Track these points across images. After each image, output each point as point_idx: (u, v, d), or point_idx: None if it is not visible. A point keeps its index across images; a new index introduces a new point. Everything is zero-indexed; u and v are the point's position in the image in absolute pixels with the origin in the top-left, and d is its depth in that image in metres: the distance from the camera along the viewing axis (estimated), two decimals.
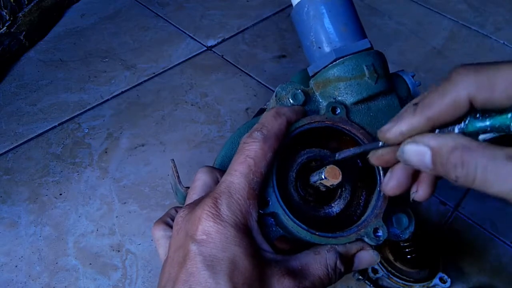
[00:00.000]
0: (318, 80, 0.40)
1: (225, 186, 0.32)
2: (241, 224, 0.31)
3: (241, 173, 0.32)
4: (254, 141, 0.33)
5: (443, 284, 0.66)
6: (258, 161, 0.32)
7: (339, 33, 0.40)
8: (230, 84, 1.02)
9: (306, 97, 0.38)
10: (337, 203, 0.38)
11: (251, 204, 0.32)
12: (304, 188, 0.37)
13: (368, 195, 0.38)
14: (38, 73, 1.02)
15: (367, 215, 0.36)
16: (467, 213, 0.81)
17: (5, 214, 0.76)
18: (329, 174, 0.33)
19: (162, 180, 0.82)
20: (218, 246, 0.30)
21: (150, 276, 0.70)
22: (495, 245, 0.77)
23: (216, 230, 0.30)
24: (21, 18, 1.04)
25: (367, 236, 0.35)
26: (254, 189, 0.32)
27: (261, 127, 0.34)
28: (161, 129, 0.91)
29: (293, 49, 1.11)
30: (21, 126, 0.90)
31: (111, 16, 1.19)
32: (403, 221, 0.38)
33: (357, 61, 0.39)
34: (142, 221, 0.76)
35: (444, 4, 1.29)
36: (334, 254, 0.33)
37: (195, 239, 0.30)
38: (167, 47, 1.10)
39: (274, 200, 0.34)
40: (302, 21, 0.42)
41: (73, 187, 0.81)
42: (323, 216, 0.38)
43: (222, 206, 0.31)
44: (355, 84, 0.38)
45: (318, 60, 0.41)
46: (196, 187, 0.36)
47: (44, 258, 0.71)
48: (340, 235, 0.34)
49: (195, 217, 0.31)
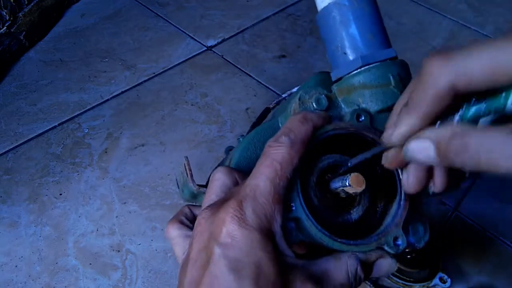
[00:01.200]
0: (342, 86, 0.40)
1: (250, 189, 0.31)
2: (265, 229, 0.30)
3: (267, 177, 0.31)
4: (281, 145, 0.32)
5: (443, 284, 0.66)
6: (284, 165, 0.32)
7: (366, 40, 0.40)
8: (230, 84, 1.02)
9: (329, 102, 0.38)
10: (356, 210, 0.38)
11: (276, 208, 0.31)
12: (323, 193, 0.37)
13: (386, 203, 0.38)
14: (38, 73, 1.02)
15: (388, 224, 0.36)
16: (467, 213, 0.81)
17: (5, 214, 0.76)
18: (353, 182, 0.33)
19: (162, 180, 0.82)
20: (243, 250, 0.29)
21: (150, 276, 0.70)
22: (495, 245, 0.77)
23: (241, 233, 0.30)
24: (21, 18, 1.04)
25: (387, 245, 0.35)
26: (279, 194, 0.31)
27: (288, 132, 0.33)
28: (161, 129, 0.91)
29: (293, 49, 1.11)
30: (21, 126, 0.90)
31: (111, 16, 1.19)
32: (420, 230, 0.38)
33: (383, 69, 0.39)
34: (142, 221, 0.76)
35: (444, 4, 1.29)
36: (355, 261, 0.33)
37: (220, 242, 0.30)
38: (167, 47, 1.10)
39: (298, 205, 0.33)
40: (328, 26, 0.42)
41: (73, 187, 0.81)
42: (342, 222, 0.38)
43: (247, 209, 0.30)
44: (380, 92, 0.38)
45: (343, 65, 0.41)
46: (215, 187, 0.36)
47: (44, 258, 0.71)
48: (361, 242, 0.34)
49: (219, 219, 0.31)
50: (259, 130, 0.43)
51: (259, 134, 0.43)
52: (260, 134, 0.43)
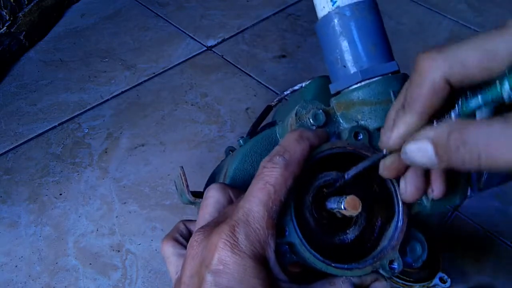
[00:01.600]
0: (340, 101, 0.38)
1: (242, 213, 0.30)
2: (259, 255, 0.30)
3: (260, 201, 0.30)
4: (275, 167, 0.31)
5: (443, 284, 0.66)
6: (278, 188, 0.31)
7: (367, 53, 0.38)
8: (230, 84, 1.02)
9: (326, 117, 0.37)
10: (352, 229, 0.37)
11: (269, 234, 0.30)
12: (319, 212, 0.36)
13: (383, 221, 0.37)
14: (38, 73, 1.02)
15: (384, 246, 0.35)
16: (467, 213, 0.81)
17: (5, 214, 0.76)
18: (349, 205, 0.32)
19: (162, 180, 0.82)
20: (236, 277, 0.29)
21: (150, 276, 0.70)
22: (495, 245, 0.77)
23: (234, 261, 0.29)
24: (21, 18, 1.04)
25: (383, 268, 0.34)
26: (273, 218, 0.30)
27: (283, 152, 0.32)
28: (161, 129, 0.91)
29: (293, 49, 1.11)
30: (21, 126, 0.90)
31: (111, 16, 1.19)
32: (417, 250, 0.37)
33: (384, 85, 0.37)
34: (142, 221, 0.76)
35: (444, 4, 1.29)
36: (349, 285, 0.33)
37: (211, 269, 0.29)
38: (167, 47, 1.10)
39: (291, 229, 0.33)
40: (327, 35, 0.40)
41: (73, 187, 0.81)
42: (338, 242, 0.37)
43: (240, 235, 0.29)
44: (380, 109, 0.37)
45: (342, 79, 0.39)
46: (209, 206, 0.35)
47: (44, 258, 0.71)
48: (356, 266, 0.34)
49: (211, 245, 0.30)
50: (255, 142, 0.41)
51: (256, 146, 0.42)
52: (257, 146, 0.42)
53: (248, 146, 0.41)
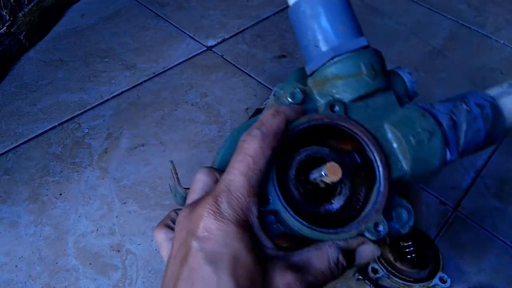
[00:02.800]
0: (316, 79, 0.40)
1: (224, 184, 0.32)
2: (242, 221, 0.31)
3: (240, 171, 0.32)
4: (253, 139, 0.33)
5: (443, 284, 0.66)
6: (257, 159, 0.33)
7: (336, 31, 0.40)
8: (230, 84, 1.02)
9: (304, 96, 0.39)
10: (337, 199, 0.39)
11: (251, 201, 0.32)
12: (303, 186, 0.38)
13: (367, 191, 0.39)
14: (38, 73, 1.02)
15: (368, 211, 0.36)
16: (467, 213, 0.81)
17: (5, 214, 0.76)
18: (329, 171, 0.33)
19: (162, 180, 0.82)
20: (220, 242, 0.30)
21: (150, 276, 0.70)
22: (495, 245, 0.77)
23: (218, 227, 0.30)
24: (21, 18, 1.04)
25: (368, 231, 0.35)
26: (253, 187, 0.32)
27: (260, 125, 0.34)
28: (161, 129, 0.91)
29: (293, 49, 1.11)
30: (21, 126, 0.90)
31: (111, 16, 1.19)
32: (403, 216, 0.38)
33: (354, 59, 0.39)
34: (142, 221, 0.76)
35: (444, 4, 1.29)
36: (336, 249, 0.34)
37: (197, 236, 0.31)
38: (167, 47, 1.10)
39: (274, 197, 0.34)
40: (298, 20, 0.42)
41: (73, 187, 0.81)
42: (324, 212, 0.38)
43: (223, 204, 0.31)
44: (353, 81, 0.39)
45: (316, 58, 0.41)
46: (196, 188, 0.37)
47: (44, 258, 0.71)
48: (342, 230, 0.35)
49: (196, 215, 0.32)
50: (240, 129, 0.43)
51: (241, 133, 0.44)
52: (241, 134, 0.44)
53: (234, 133, 0.42)
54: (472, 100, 0.44)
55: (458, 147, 0.41)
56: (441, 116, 0.41)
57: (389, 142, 0.39)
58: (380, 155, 0.37)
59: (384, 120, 0.39)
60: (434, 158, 0.39)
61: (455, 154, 0.41)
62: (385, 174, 0.37)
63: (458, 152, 0.42)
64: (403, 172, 0.38)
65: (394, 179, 0.38)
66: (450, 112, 0.42)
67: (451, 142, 0.41)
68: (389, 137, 0.39)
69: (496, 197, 0.84)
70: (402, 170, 0.38)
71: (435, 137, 0.39)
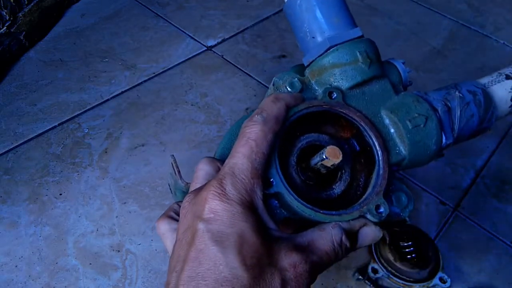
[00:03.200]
0: (313, 69, 0.42)
1: (228, 167, 0.33)
2: (246, 202, 0.32)
3: (244, 154, 0.33)
4: (255, 124, 0.34)
5: (443, 284, 0.66)
6: (259, 142, 0.33)
7: (332, 23, 0.42)
8: (230, 84, 1.02)
9: (302, 85, 0.40)
10: (338, 185, 0.39)
11: (255, 183, 0.33)
12: (305, 172, 0.38)
13: (367, 176, 0.40)
14: (38, 73, 1.02)
15: (369, 193, 0.37)
16: (467, 213, 0.81)
17: (5, 214, 0.76)
18: (330, 154, 0.34)
19: (162, 180, 0.82)
20: (226, 222, 0.30)
21: (150, 276, 0.70)
22: (495, 245, 0.77)
23: (223, 208, 0.31)
24: (21, 18, 1.04)
25: (370, 213, 0.36)
26: (257, 169, 0.33)
27: (261, 111, 0.35)
28: (161, 129, 0.91)
29: (293, 49, 1.11)
30: (21, 126, 0.90)
31: (111, 16, 1.19)
32: (403, 199, 0.39)
33: (350, 47, 0.41)
34: (142, 221, 0.76)
35: (444, 4, 1.29)
36: (339, 230, 0.34)
37: (203, 218, 0.31)
38: (167, 47, 1.10)
39: (278, 180, 0.35)
40: (295, 14, 0.44)
41: (73, 187, 0.81)
42: (325, 198, 0.39)
43: (227, 186, 0.32)
44: (349, 69, 0.40)
45: (313, 49, 0.43)
46: (199, 177, 0.37)
47: (44, 258, 0.71)
48: (344, 212, 0.36)
49: (201, 198, 0.32)
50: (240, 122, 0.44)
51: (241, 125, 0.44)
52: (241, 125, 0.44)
53: (234, 126, 0.43)
54: (465, 87, 0.45)
55: (453, 132, 0.43)
56: (436, 103, 0.43)
57: (386, 128, 0.40)
58: (379, 139, 0.38)
59: (381, 106, 0.40)
60: (430, 141, 0.40)
61: (450, 138, 0.43)
62: (384, 157, 0.38)
63: (454, 137, 0.43)
64: (401, 156, 0.39)
65: (392, 163, 0.39)
66: (444, 98, 0.43)
67: (446, 126, 0.42)
68: (386, 123, 0.40)
69: (496, 197, 0.84)
70: (400, 155, 0.39)
71: (431, 121, 0.40)
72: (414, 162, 0.41)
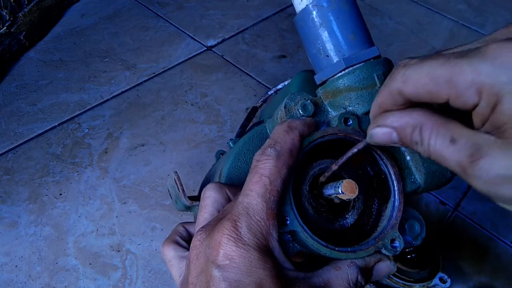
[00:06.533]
0: (327, 90, 0.39)
1: (242, 207, 0.31)
2: (263, 246, 0.30)
3: (258, 193, 0.31)
4: (268, 159, 0.32)
5: (443, 284, 0.66)
6: (273, 179, 0.31)
7: (348, 41, 0.39)
8: (230, 84, 1.02)
9: (315, 107, 0.38)
10: (351, 214, 0.38)
11: (271, 224, 0.31)
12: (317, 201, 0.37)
13: (380, 203, 0.38)
14: (38, 73, 1.02)
15: (384, 226, 0.36)
16: (467, 213, 0.81)
17: (5, 214, 0.76)
18: (346, 189, 0.33)
19: (162, 180, 0.82)
20: (243, 270, 0.29)
21: (150, 276, 0.70)
22: (495, 245, 0.77)
23: (239, 254, 0.29)
24: (21, 18, 1.04)
25: (385, 248, 0.35)
26: (272, 209, 0.31)
27: (274, 143, 0.33)
28: (161, 129, 0.91)
29: (293, 49, 1.11)
30: (21, 126, 0.90)
31: (111, 16, 1.19)
32: (416, 228, 0.38)
33: (368, 70, 0.38)
34: (142, 221, 0.76)
35: (444, 4, 1.29)
36: (355, 269, 0.33)
37: (218, 264, 0.29)
38: (167, 47, 1.10)
39: (292, 218, 0.33)
40: (307, 28, 0.41)
41: (73, 187, 0.81)
42: (338, 228, 0.38)
43: (243, 229, 0.30)
44: (366, 94, 0.38)
45: (326, 68, 0.40)
46: (207, 206, 0.36)
47: (44, 258, 0.71)
48: (359, 248, 0.34)
49: (215, 242, 0.30)
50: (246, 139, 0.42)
51: (248, 143, 0.42)
52: (249, 143, 0.42)
53: (240, 144, 0.41)
54: None
55: None
56: None
57: (402, 154, 0.38)
58: (394, 168, 0.36)
59: None
60: (447, 170, 0.38)
61: None
62: (400, 188, 0.36)
63: None
64: (416, 185, 0.38)
65: (407, 192, 0.37)
66: None
67: None
68: (402, 149, 0.38)
69: None
70: (416, 183, 0.38)
71: None
72: (428, 189, 0.39)
